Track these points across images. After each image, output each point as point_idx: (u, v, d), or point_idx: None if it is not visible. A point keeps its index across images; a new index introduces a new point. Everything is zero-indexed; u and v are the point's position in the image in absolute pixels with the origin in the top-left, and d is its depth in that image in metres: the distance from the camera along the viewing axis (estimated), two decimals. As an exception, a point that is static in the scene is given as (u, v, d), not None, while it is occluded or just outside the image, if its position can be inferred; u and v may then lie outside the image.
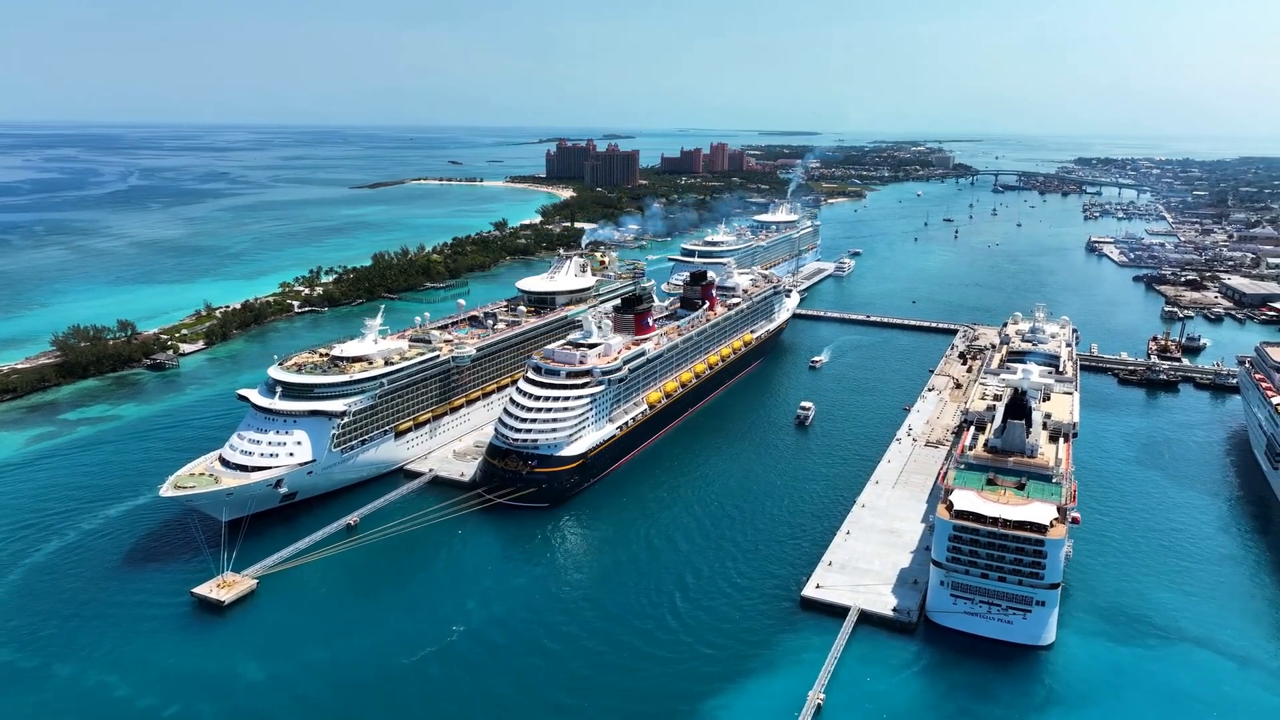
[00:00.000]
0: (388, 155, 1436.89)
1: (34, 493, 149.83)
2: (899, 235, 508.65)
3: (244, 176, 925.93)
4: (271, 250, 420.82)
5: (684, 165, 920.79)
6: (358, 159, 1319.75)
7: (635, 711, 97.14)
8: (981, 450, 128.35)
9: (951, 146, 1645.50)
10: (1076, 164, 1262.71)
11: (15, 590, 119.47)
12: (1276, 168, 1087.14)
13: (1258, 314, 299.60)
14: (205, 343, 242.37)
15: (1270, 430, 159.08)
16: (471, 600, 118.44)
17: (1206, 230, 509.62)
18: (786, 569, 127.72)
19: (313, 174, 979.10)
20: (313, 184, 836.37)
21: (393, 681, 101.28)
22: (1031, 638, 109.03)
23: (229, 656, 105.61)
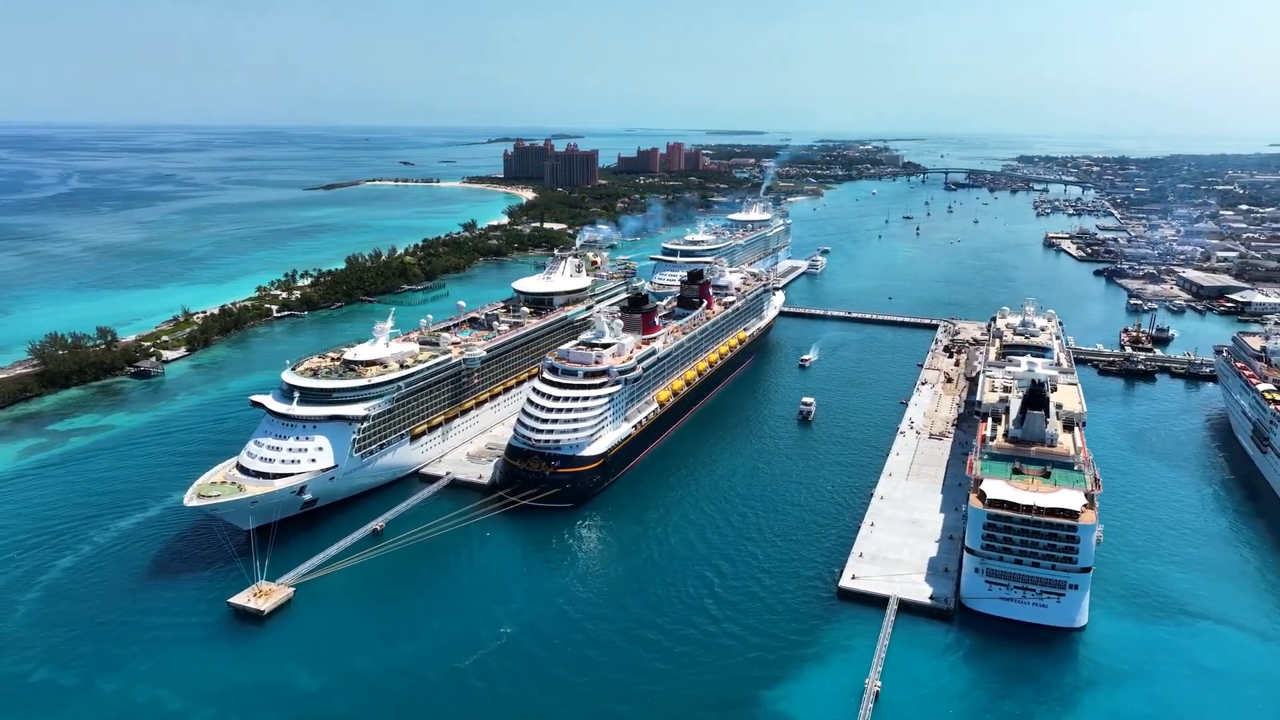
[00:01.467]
0: (336, 156, 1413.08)
1: (36, 507, 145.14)
2: (864, 233, 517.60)
3: (191, 179, 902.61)
4: (236, 254, 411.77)
5: (641, 165, 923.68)
6: (305, 160, 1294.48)
7: (698, 708, 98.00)
8: (1003, 441, 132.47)
9: (898, 145, 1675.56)
10: (1019, 162, 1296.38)
11: (39, 608, 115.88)
12: (1207, 164, 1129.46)
13: (1216, 305, 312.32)
14: (187, 349, 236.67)
15: (1255, 416, 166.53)
16: (513, 603, 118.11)
17: (1154, 226, 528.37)
18: (815, 562, 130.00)
19: (262, 175, 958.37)
20: (264, 186, 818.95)
21: (448, 687, 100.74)
22: (1066, 620, 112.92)
23: (279, 666, 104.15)
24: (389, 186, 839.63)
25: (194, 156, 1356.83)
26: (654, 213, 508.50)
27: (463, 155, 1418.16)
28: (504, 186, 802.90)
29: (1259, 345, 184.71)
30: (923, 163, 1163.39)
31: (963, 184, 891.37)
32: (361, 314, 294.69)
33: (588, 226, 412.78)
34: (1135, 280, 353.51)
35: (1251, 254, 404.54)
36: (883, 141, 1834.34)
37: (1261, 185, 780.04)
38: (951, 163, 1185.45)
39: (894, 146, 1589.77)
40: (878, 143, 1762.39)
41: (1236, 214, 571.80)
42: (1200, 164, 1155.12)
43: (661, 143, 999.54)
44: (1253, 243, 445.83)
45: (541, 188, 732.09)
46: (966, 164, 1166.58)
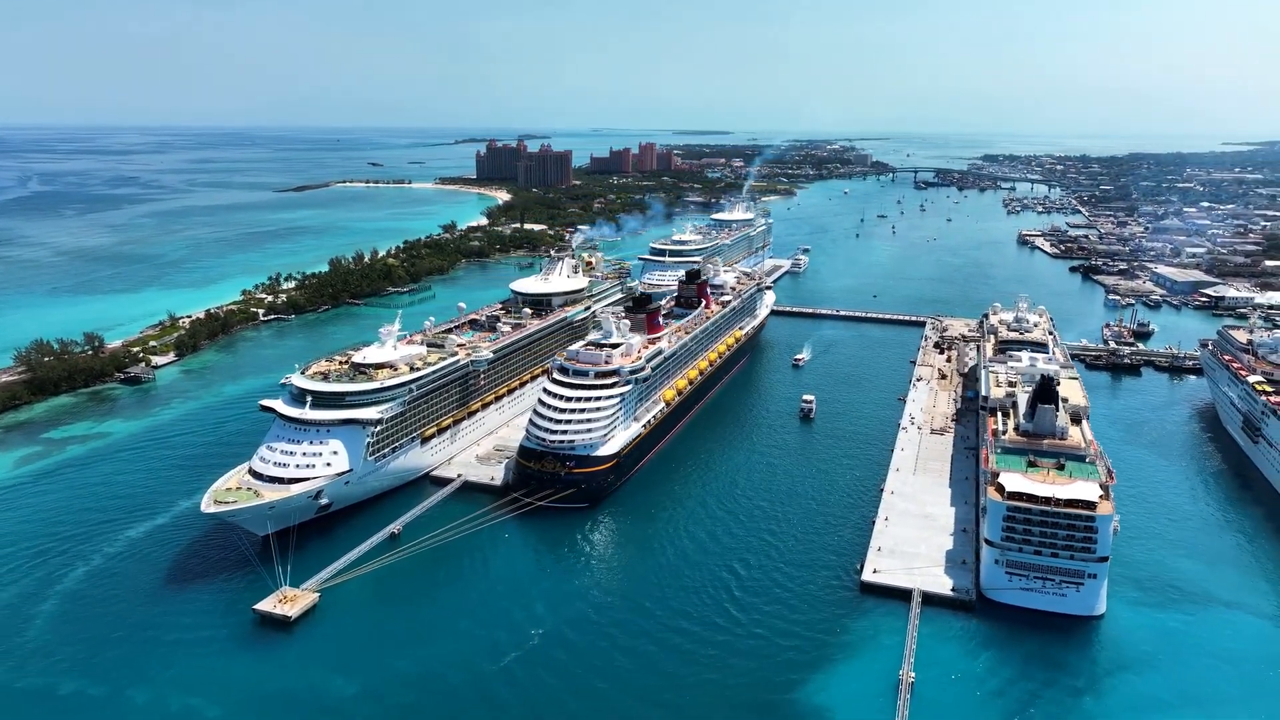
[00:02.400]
0: (302, 157, 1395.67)
1: (40, 517, 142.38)
2: (841, 232, 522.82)
3: (155, 180, 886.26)
4: (213, 257, 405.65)
5: (613, 165, 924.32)
6: (271, 162, 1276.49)
7: (737, 703, 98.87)
8: (1015, 434, 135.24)
9: (864, 145, 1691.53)
10: (984, 161, 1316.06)
11: (55, 618, 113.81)
12: (1165, 163, 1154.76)
13: (1191, 300, 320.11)
14: (177, 354, 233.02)
15: (1246, 407, 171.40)
16: (539, 605, 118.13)
17: (1121, 223, 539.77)
18: (833, 557, 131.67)
19: (229, 178, 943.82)
20: (232, 188, 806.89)
21: (489, 689, 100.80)
22: (1085, 609, 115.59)
23: (314, 672, 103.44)
24: (360, 188, 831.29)
25: (156, 158, 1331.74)
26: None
27: (431, 156, 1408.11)
28: (477, 187, 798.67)
29: (1245, 339, 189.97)
30: (890, 162, 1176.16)
31: (932, 183, 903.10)
32: (348, 317, 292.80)
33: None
34: (1111, 276, 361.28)
35: (1218, 249, 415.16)
36: (848, 141, 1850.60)
37: (1220, 183, 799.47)
38: (917, 162, 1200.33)
39: (860, 146, 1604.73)
40: (844, 142, 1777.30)
41: (1199, 211, 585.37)
42: (1159, 162, 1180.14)
43: (628, 143, 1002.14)
44: (1218, 239, 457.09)
45: (516, 188, 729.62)
46: (932, 163, 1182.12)
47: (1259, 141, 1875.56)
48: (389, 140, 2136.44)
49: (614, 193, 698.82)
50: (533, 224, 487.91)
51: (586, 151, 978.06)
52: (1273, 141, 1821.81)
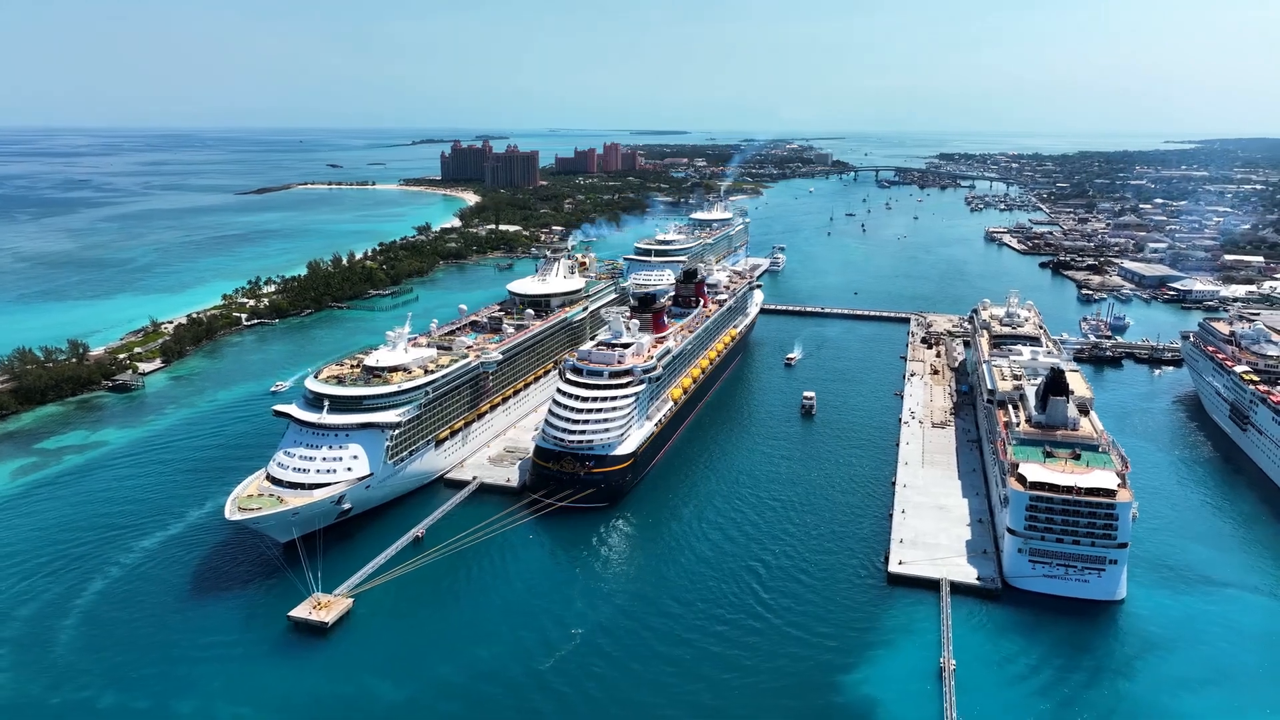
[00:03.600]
0: (258, 159, 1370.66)
1: (48, 529, 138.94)
2: (812, 230, 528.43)
3: (109, 184, 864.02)
4: (184, 261, 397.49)
5: (578, 165, 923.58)
6: (227, 164, 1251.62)
7: (786, 698, 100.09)
8: (1028, 426, 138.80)
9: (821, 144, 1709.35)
10: (941, 159, 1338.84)
11: (83, 632, 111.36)
12: (1115, 160, 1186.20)
13: (1159, 294, 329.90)
14: (163, 361, 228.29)
15: (1233, 396, 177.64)
16: (573, 605, 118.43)
17: (1083, 219, 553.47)
18: (854, 549, 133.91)
19: (184, 180, 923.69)
20: (190, 191, 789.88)
21: (537, 689, 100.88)
22: (1107, 594, 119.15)
23: (359, 677, 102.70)
24: (323, 190, 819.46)
25: (106, 161, 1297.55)
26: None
27: (389, 157, 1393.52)
28: (443, 189, 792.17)
29: (1227, 330, 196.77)
30: (850, 161, 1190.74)
31: (894, 181, 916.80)
32: (332, 321, 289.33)
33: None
34: (1080, 272, 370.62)
35: (1177, 245, 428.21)
36: (805, 140, 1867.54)
37: (1170, 180, 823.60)
38: (875, 161, 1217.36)
39: (818, 145, 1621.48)
40: (801, 141, 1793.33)
41: (1155, 208, 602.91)
42: (1108, 160, 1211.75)
43: (586, 143, 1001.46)
44: (1176, 234, 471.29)
45: (483, 189, 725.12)
46: (889, 162, 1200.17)
47: (1199, 139, 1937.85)
48: (344, 141, 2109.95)
49: (582, 193, 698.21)
50: (506, 225, 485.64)
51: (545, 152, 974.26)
52: (1211, 139, 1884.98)
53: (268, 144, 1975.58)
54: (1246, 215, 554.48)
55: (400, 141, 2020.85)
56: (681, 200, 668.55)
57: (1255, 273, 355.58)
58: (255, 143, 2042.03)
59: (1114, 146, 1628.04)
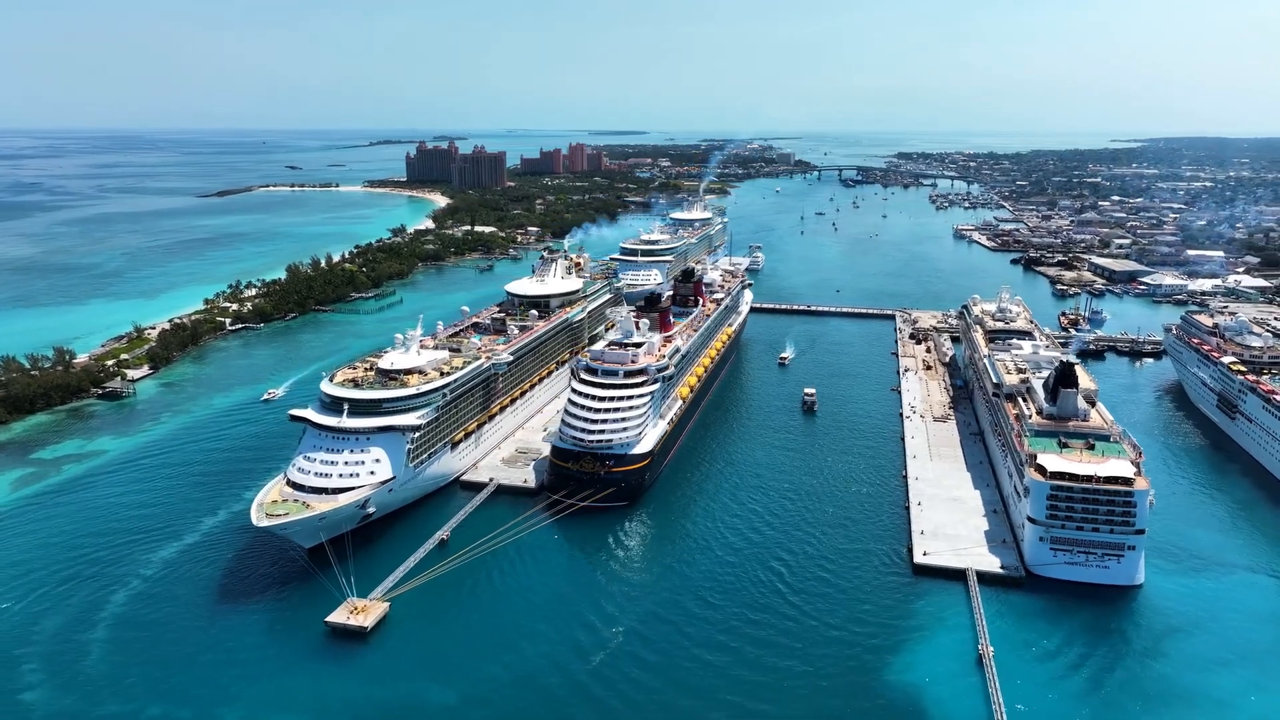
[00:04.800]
0: (213, 161, 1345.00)
1: (58, 540, 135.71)
2: (784, 229, 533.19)
3: (61, 187, 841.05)
4: (154, 266, 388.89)
5: (544, 166, 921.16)
6: (181, 166, 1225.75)
7: (832, 690, 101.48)
8: (1041, 418, 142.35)
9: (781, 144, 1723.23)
10: (899, 158, 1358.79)
11: (113, 644, 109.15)
12: (1066, 159, 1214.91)
13: (1131, 288, 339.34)
14: (151, 367, 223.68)
15: (1221, 386, 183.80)
16: (608, 603, 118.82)
17: (1046, 217, 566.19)
18: (874, 542, 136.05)
19: (140, 183, 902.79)
20: (149, 194, 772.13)
21: (592, 686, 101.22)
22: (1126, 579, 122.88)
23: (405, 680, 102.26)
24: (286, 192, 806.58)
25: (53, 163, 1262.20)
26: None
27: (348, 159, 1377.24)
28: (408, 190, 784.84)
29: (1210, 323, 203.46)
30: (810, 160, 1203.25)
31: (857, 180, 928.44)
32: (317, 325, 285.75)
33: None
34: (1052, 268, 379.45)
35: (1140, 241, 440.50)
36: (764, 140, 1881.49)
37: (1124, 178, 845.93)
38: (834, 160, 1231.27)
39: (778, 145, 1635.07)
40: (760, 141, 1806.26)
41: (1113, 204, 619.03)
42: (1060, 158, 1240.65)
43: (545, 144, 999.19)
44: (1137, 230, 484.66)
45: (451, 190, 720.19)
46: (848, 161, 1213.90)
47: (1144, 138, 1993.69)
48: (298, 143, 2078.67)
49: (551, 193, 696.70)
50: (482, 226, 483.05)
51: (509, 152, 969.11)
52: (1155, 138, 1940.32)
53: (220, 146, 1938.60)
54: (1200, 212, 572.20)
55: (357, 143, 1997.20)
56: (652, 200, 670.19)
57: (1219, 267, 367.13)
58: (207, 145, 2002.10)
59: (1063, 145, 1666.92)
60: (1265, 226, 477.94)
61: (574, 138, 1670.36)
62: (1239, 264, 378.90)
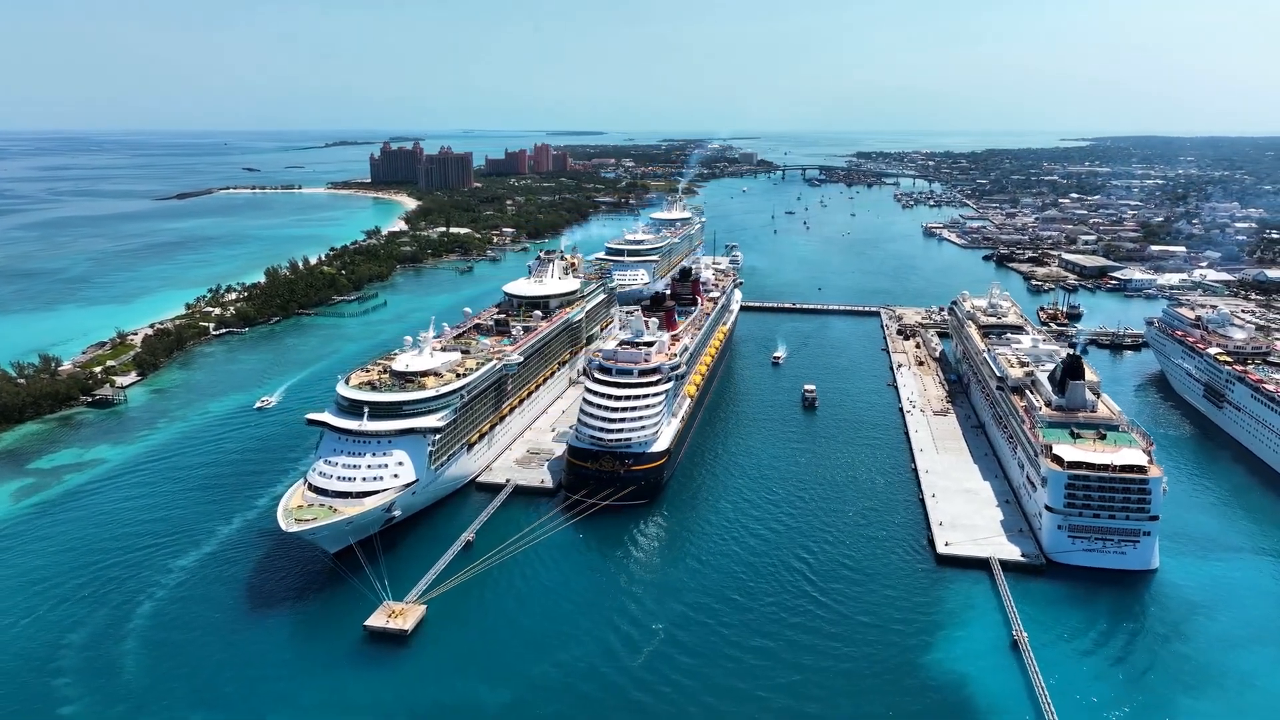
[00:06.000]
0: (167, 163, 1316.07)
1: (71, 552, 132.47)
2: (757, 228, 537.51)
3: (10, 190, 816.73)
4: (123, 270, 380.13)
5: (509, 167, 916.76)
6: (135, 169, 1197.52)
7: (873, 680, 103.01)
8: (1051, 410, 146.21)
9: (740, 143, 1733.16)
10: (859, 158, 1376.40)
11: (148, 656, 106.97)
12: (1021, 158, 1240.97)
13: (1102, 283, 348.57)
14: (139, 374, 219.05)
15: (1207, 377, 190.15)
16: (643, 601, 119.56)
17: (1010, 214, 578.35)
18: (893, 533, 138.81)
19: (94, 186, 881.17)
20: (104, 197, 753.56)
21: (643, 683, 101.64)
22: (1142, 564, 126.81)
23: (453, 682, 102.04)
24: (247, 194, 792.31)
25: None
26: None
27: (305, 160, 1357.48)
28: (373, 191, 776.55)
29: (1192, 315, 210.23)
30: (772, 160, 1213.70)
31: (821, 180, 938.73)
32: (301, 329, 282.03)
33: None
34: (1023, 264, 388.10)
35: (1103, 237, 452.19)
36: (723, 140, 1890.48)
37: (1079, 176, 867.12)
38: (794, 160, 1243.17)
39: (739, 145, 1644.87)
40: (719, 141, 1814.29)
41: (1073, 202, 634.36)
42: (1015, 157, 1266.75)
43: (502, 144, 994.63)
44: (1100, 227, 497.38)
45: (417, 191, 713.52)
46: (809, 161, 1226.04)
47: (1092, 137, 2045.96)
48: (253, 144, 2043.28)
49: (520, 194, 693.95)
50: (457, 228, 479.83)
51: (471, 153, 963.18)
52: (1102, 137, 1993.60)
53: (171, 147, 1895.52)
54: (1157, 209, 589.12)
55: (313, 144, 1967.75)
56: (624, 200, 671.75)
57: (1183, 262, 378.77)
58: (158, 146, 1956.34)
59: (1015, 144, 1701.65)
60: (1220, 222, 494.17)
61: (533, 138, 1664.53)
62: (1201, 259, 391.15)
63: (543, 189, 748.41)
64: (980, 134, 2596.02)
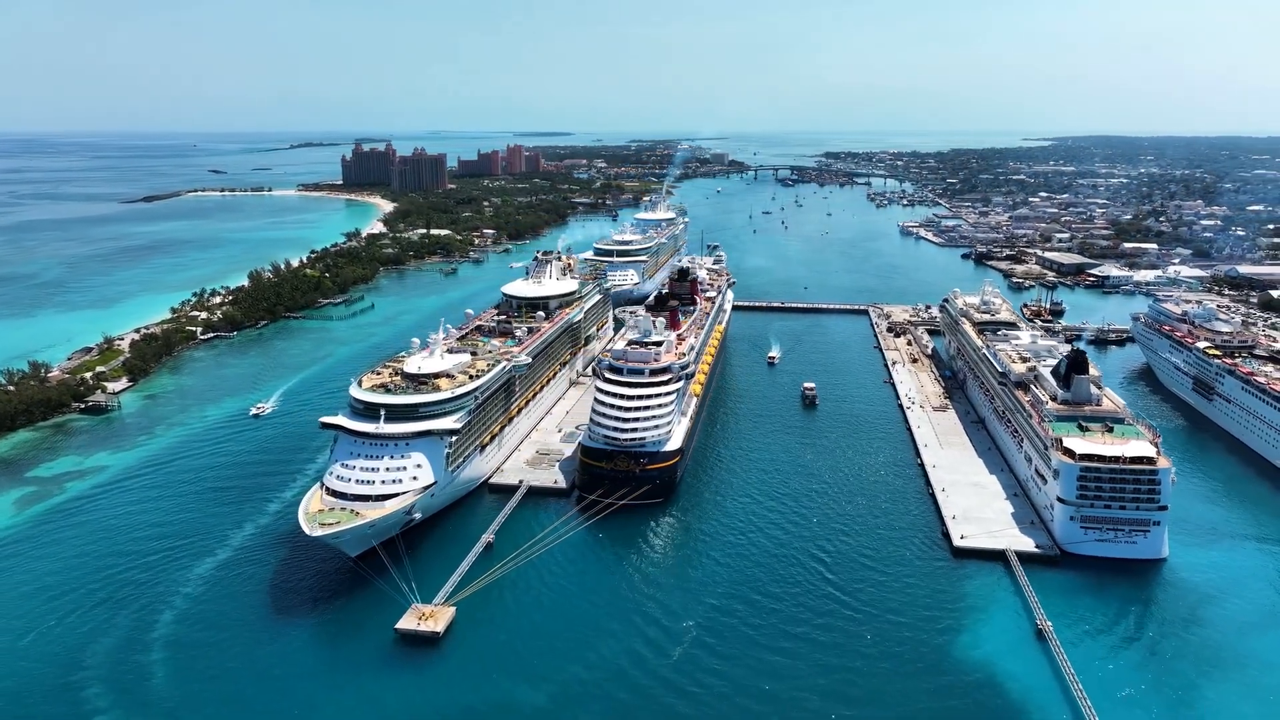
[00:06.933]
0: (130, 166, 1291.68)
1: (82, 561, 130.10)
2: (738, 228, 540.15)
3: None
4: (97, 275, 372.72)
5: (483, 168, 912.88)
6: (98, 171, 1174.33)
7: (906, 672, 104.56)
8: (1057, 404, 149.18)
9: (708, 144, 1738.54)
10: (827, 158, 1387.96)
11: (177, 664, 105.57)
12: (986, 157, 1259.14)
13: (1080, 280, 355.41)
14: (130, 380, 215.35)
15: (1197, 370, 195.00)
16: (669, 600, 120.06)
17: (983, 213, 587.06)
18: (909, 528, 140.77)
19: (56, 189, 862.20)
20: (69, 200, 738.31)
21: (669, 682, 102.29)
22: (1153, 553, 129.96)
23: (493, 683, 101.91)
24: (217, 197, 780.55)
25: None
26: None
27: (272, 162, 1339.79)
28: (345, 193, 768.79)
29: (1179, 310, 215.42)
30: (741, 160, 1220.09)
31: (794, 180, 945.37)
32: (289, 332, 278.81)
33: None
34: (1002, 262, 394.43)
35: (1076, 235, 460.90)
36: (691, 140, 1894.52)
37: (1045, 175, 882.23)
38: (763, 160, 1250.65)
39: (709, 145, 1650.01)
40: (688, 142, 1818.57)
41: (1043, 200, 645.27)
42: (981, 157, 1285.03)
43: (469, 145, 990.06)
44: (1072, 225, 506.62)
45: (391, 193, 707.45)
46: (777, 161, 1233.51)
47: (1053, 137, 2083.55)
48: (217, 146, 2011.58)
49: (496, 195, 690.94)
50: (437, 230, 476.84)
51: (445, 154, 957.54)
52: (1063, 137, 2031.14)
53: (132, 150, 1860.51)
54: (1124, 207, 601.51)
55: (278, 145, 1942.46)
56: (601, 201, 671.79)
57: (1156, 258, 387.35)
58: (117, 149, 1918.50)
59: (979, 143, 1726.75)
60: (1187, 219, 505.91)
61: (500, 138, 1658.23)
62: (1173, 255, 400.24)
63: (518, 190, 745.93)
64: (944, 134, 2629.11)
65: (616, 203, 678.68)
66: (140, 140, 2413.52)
